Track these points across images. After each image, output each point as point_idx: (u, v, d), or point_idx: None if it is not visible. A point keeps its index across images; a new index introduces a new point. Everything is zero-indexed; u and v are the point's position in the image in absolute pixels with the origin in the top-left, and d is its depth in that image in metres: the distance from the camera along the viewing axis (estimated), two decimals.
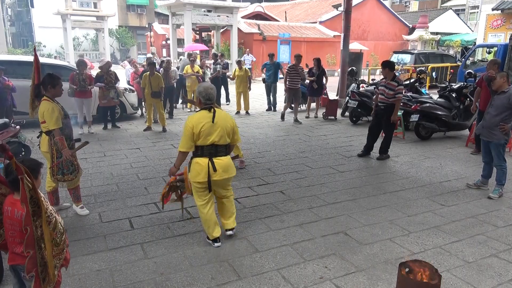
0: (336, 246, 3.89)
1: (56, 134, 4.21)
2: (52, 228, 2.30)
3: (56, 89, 4.30)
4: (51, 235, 2.29)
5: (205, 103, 3.73)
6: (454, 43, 28.47)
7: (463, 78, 10.24)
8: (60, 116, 4.24)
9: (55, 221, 2.32)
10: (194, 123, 3.61)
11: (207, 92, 3.72)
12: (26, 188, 2.10)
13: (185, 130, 3.66)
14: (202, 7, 21.33)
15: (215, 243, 3.85)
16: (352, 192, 5.35)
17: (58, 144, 4.24)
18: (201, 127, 3.59)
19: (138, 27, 37.88)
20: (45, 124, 4.22)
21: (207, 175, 3.65)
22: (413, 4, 41.33)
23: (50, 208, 2.32)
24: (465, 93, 8.64)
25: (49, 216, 2.27)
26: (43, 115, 4.19)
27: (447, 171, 6.33)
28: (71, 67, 9.94)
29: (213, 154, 3.68)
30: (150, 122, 9.29)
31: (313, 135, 8.84)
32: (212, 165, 3.65)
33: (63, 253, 2.44)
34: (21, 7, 36.45)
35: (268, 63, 11.83)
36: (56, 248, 2.36)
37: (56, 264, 2.36)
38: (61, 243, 2.40)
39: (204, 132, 3.60)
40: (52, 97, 4.29)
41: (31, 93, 4.41)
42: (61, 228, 2.40)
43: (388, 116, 6.72)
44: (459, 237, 4.09)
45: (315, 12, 30.68)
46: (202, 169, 3.66)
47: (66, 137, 4.34)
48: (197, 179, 3.70)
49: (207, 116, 3.65)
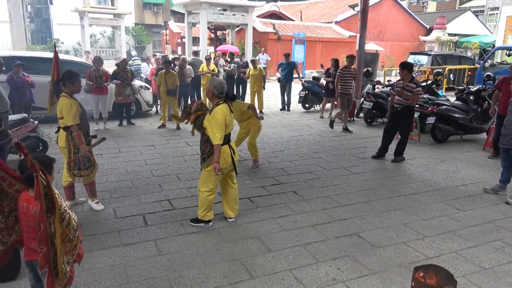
0: (349, 248, 3.86)
1: (74, 130, 4.28)
2: (66, 225, 2.31)
3: (75, 85, 4.36)
4: (64, 232, 2.31)
5: (218, 96, 4.06)
6: (472, 45, 27.99)
7: (481, 80, 10.04)
8: (78, 112, 4.30)
9: (68, 218, 2.33)
10: (225, 115, 3.96)
11: (221, 86, 4.07)
12: (41, 185, 2.12)
13: (218, 124, 3.91)
14: (218, 6, 21.40)
15: (209, 223, 4.25)
16: (366, 194, 5.30)
17: (76, 140, 4.30)
18: (229, 118, 4.01)
19: (154, 25, 38.18)
20: (63, 120, 4.29)
21: (231, 158, 4.13)
22: (430, 5, 40.75)
23: (64, 205, 2.33)
24: (483, 96, 8.48)
25: (63, 213, 2.28)
26: (61, 111, 4.26)
27: (463, 175, 6.23)
28: (88, 63, 10.07)
29: (229, 140, 4.15)
30: (164, 119, 9.36)
31: (327, 135, 8.79)
32: (231, 149, 4.15)
33: (76, 249, 2.46)
34: (40, 4, 37.09)
35: (284, 62, 11.81)
36: (69, 244, 2.38)
37: (69, 260, 2.39)
38: (74, 239, 2.41)
39: (228, 123, 4.02)
40: (70, 94, 4.36)
41: (50, 89, 4.49)
42: (74, 224, 2.41)
43: (405, 118, 6.64)
44: (475, 243, 4.02)
45: (330, 12, 30.49)
46: (227, 155, 4.09)
47: (83, 133, 4.40)
48: (225, 165, 4.08)
49: (228, 109, 4.05)
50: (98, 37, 33.72)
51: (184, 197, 5.07)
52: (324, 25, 27.03)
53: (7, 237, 2.49)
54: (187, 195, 5.08)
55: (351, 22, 26.07)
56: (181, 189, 5.33)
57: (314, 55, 24.47)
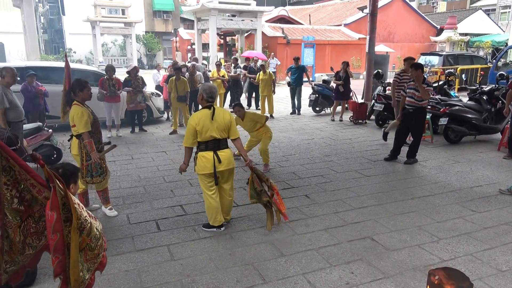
0: (363, 251, 3.83)
1: (85, 137, 4.32)
2: (87, 234, 2.33)
3: (84, 92, 4.42)
4: (84, 241, 2.33)
5: (207, 100, 4.10)
6: (484, 44, 27.63)
7: (494, 80, 9.90)
8: (90, 120, 4.36)
9: (89, 227, 2.34)
10: (196, 121, 3.97)
11: (211, 91, 4.11)
12: (58, 196, 2.16)
13: (188, 127, 4.05)
14: (227, 12, 21.55)
15: (221, 228, 4.24)
16: (378, 197, 5.26)
17: (87, 147, 4.36)
18: (202, 124, 3.96)
19: (164, 32, 38.58)
20: (75, 128, 4.34)
21: (213, 166, 4.03)
22: (441, 5, 40.35)
23: (85, 214, 2.34)
24: (496, 96, 8.36)
25: (83, 222, 2.30)
26: (73, 119, 4.32)
27: (478, 176, 6.13)
28: (100, 72, 10.22)
29: (216, 148, 4.06)
30: (176, 125, 9.43)
31: (338, 138, 8.75)
32: (217, 157, 4.04)
33: (98, 257, 2.48)
34: (53, 15, 37.77)
35: (293, 66, 11.82)
36: (90, 252, 2.40)
37: (89, 268, 2.41)
38: (96, 248, 2.43)
39: (205, 128, 3.96)
40: (82, 101, 4.42)
41: (62, 99, 4.57)
42: (97, 233, 2.43)
43: (416, 119, 6.58)
44: (492, 245, 3.95)
45: (339, 15, 30.44)
46: (208, 162, 4.04)
47: (95, 140, 4.45)
48: (204, 171, 4.06)
49: (207, 114, 4.00)
50: (110, 46, 34.23)
51: (196, 202, 5.09)
52: (333, 28, 26.98)
53: (37, 242, 2.55)
54: (199, 200, 5.11)
55: (360, 24, 25.99)
56: (193, 195, 5.35)
57: (324, 58, 24.44)
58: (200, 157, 4.08)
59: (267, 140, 6.36)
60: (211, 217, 4.22)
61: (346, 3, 32.17)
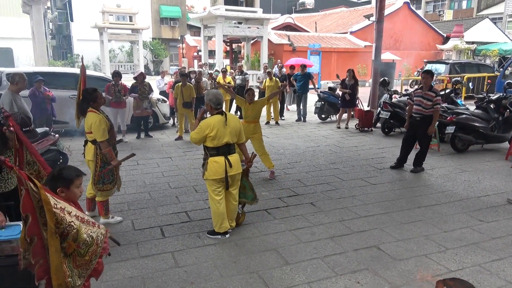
0: (369, 260, 3.79)
1: (104, 146, 4.26)
2: (73, 239, 2.24)
3: (98, 101, 4.38)
4: (71, 246, 2.25)
5: (216, 108, 4.12)
6: (491, 53, 27.52)
7: (501, 88, 9.85)
8: (107, 127, 4.30)
9: (75, 232, 2.24)
10: (211, 127, 4.01)
11: (217, 98, 4.12)
12: (34, 199, 2.09)
13: (200, 129, 4.05)
14: (233, 19, 21.70)
15: (226, 235, 4.23)
16: (385, 205, 5.21)
17: (107, 156, 4.31)
18: (216, 130, 4.01)
19: (170, 39, 38.85)
20: (92, 135, 4.29)
21: (225, 171, 4.07)
22: (447, 13, 40.35)
23: (69, 219, 2.23)
24: (504, 104, 8.30)
25: (66, 227, 2.20)
26: (90, 127, 4.27)
27: (485, 185, 6.07)
28: (107, 78, 10.29)
29: (227, 153, 4.11)
30: (181, 131, 9.45)
31: (344, 146, 8.72)
32: (228, 162, 4.09)
33: (91, 263, 2.41)
34: (61, 21, 38.25)
35: (299, 73, 11.83)
36: (80, 258, 2.33)
37: (81, 274, 2.35)
38: (86, 254, 2.34)
39: (219, 134, 4.02)
40: (97, 108, 4.38)
41: (76, 108, 4.55)
42: (88, 239, 2.32)
43: (424, 128, 6.52)
44: (500, 256, 3.90)
45: (345, 22, 30.53)
46: (220, 167, 4.07)
47: (112, 147, 4.41)
48: (216, 176, 4.08)
49: (221, 120, 4.06)
50: (117, 52, 34.49)
51: (201, 208, 5.08)
52: (339, 36, 27.05)
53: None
54: (204, 207, 5.09)
55: (367, 32, 26.03)
56: (198, 201, 5.34)
57: (330, 65, 24.48)
58: (211, 162, 4.09)
59: (256, 141, 6.33)
60: (216, 223, 4.21)
61: (352, 11, 32.28)
